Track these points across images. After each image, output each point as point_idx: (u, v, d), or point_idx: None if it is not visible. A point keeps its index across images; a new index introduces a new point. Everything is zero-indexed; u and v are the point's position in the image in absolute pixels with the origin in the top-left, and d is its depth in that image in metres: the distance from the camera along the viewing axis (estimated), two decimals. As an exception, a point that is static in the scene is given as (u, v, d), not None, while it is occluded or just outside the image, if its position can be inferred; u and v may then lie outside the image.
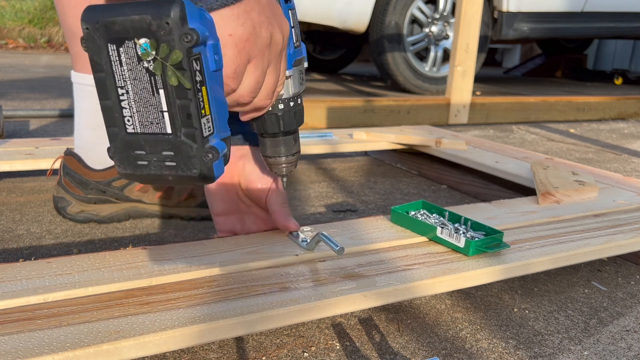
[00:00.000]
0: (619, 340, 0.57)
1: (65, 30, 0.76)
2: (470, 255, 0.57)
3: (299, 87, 0.51)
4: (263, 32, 0.42)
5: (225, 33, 0.40)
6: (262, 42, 0.42)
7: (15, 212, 0.87)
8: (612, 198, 0.82)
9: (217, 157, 0.38)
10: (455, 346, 0.54)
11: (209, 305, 0.45)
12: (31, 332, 0.40)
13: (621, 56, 4.98)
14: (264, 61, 0.43)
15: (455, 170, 1.16)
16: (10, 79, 2.74)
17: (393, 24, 2.69)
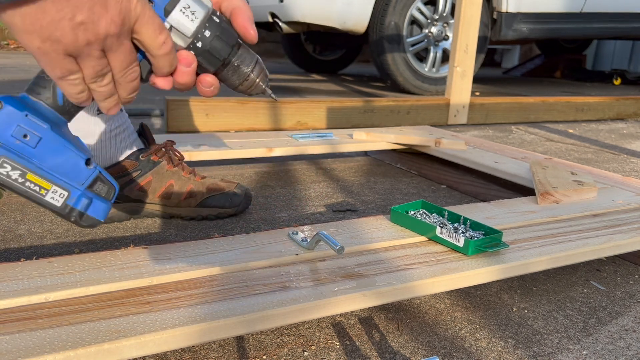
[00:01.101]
0: (617, 339, 0.57)
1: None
2: (470, 254, 0.57)
3: (197, 20, 0.43)
4: (67, 36, 0.36)
5: (26, 44, 0.36)
6: (73, 46, 0.36)
7: (16, 211, 0.88)
8: (611, 198, 0.82)
9: (83, 213, 0.40)
10: (455, 345, 0.54)
11: (209, 305, 0.45)
12: (32, 331, 0.40)
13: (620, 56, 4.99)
14: (91, 61, 0.38)
15: (454, 170, 1.17)
16: (12, 79, 2.74)
17: (393, 25, 2.70)
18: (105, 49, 0.38)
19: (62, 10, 0.35)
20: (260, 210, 0.93)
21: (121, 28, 0.37)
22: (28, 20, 0.35)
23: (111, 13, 0.36)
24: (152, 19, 0.39)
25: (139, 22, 0.39)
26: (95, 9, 0.35)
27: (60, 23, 0.35)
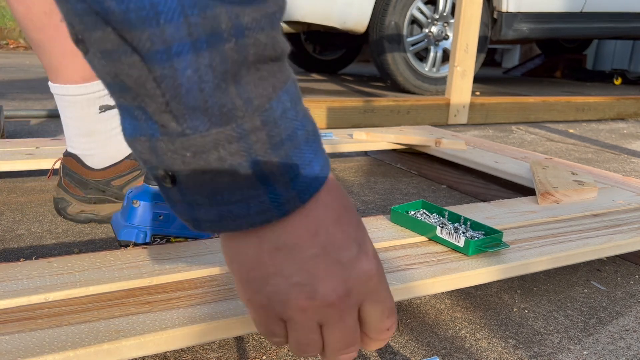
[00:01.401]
0: (618, 339, 0.57)
1: (32, 43, 0.74)
2: (470, 254, 0.57)
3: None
4: (279, 294, 0.29)
5: (237, 290, 0.31)
6: (283, 309, 0.30)
7: (16, 212, 0.88)
8: (612, 198, 0.82)
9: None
10: (455, 346, 0.54)
11: (209, 305, 0.45)
12: (32, 332, 0.40)
13: (620, 56, 4.98)
14: (300, 330, 0.31)
15: (454, 170, 1.17)
16: (11, 79, 2.74)
17: (393, 25, 2.70)
18: (320, 320, 0.31)
19: (278, 265, 0.29)
20: (260, 210, 0.93)
21: (345, 300, 0.30)
22: (243, 269, 0.30)
23: (336, 280, 0.29)
24: (386, 298, 0.33)
25: (369, 299, 0.31)
26: (315, 271, 0.29)
27: (273, 278, 0.29)
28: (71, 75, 0.75)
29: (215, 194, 0.26)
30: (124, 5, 0.21)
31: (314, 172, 0.28)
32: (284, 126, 0.26)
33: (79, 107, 0.77)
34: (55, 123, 1.65)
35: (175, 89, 0.23)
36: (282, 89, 0.26)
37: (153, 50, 0.22)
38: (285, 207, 0.27)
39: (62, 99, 0.77)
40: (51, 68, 0.75)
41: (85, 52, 0.25)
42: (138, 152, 0.27)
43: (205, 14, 0.22)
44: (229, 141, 0.25)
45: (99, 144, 0.80)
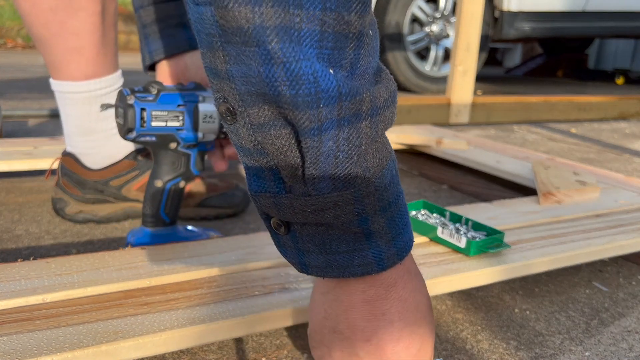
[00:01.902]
0: (620, 340, 0.56)
1: (35, 39, 0.74)
2: (471, 255, 0.56)
3: (215, 121, 0.59)
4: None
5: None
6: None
7: (14, 212, 0.87)
8: (614, 198, 0.81)
9: None
10: (456, 347, 0.54)
11: (208, 306, 0.44)
12: (30, 333, 0.39)
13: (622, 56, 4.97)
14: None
15: (456, 170, 1.16)
16: (9, 78, 2.74)
17: (393, 23, 2.69)
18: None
19: (332, 323, 0.33)
20: (260, 210, 0.93)
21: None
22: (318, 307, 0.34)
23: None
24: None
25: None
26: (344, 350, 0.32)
27: (325, 325, 0.33)
28: (73, 72, 0.75)
29: (325, 243, 0.30)
30: (295, 90, 0.25)
31: (409, 232, 0.32)
32: (391, 191, 0.30)
33: (80, 105, 0.77)
34: (54, 123, 1.64)
35: (316, 157, 0.27)
36: (390, 158, 0.30)
37: (309, 128, 0.26)
38: (385, 262, 0.31)
39: (63, 96, 0.77)
40: (54, 65, 0.75)
41: (232, 123, 0.28)
42: (260, 204, 0.30)
43: (355, 99, 0.26)
44: (346, 203, 0.28)
45: (98, 143, 0.80)
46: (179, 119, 0.56)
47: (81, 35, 0.72)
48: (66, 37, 0.72)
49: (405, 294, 0.32)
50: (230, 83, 0.26)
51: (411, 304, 0.32)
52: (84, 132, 0.79)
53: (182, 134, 0.57)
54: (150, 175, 0.60)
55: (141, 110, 0.54)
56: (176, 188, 0.59)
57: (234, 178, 1.12)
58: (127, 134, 0.55)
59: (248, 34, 0.24)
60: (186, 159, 0.59)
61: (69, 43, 0.72)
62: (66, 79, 0.75)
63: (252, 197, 0.30)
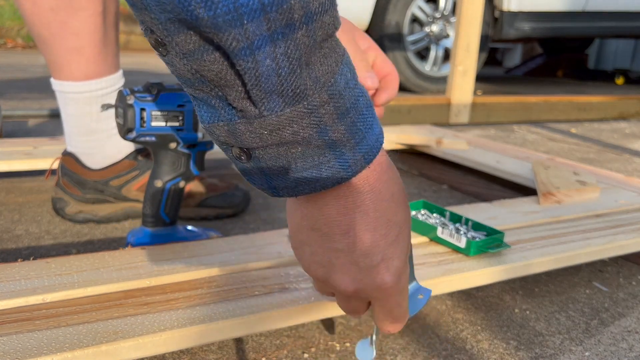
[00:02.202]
0: (620, 340, 0.56)
1: (36, 39, 0.74)
2: (471, 255, 0.56)
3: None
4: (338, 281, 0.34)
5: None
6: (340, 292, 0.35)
7: (14, 212, 0.87)
8: (614, 198, 0.81)
9: None
10: (456, 347, 0.54)
11: (208, 306, 0.44)
12: (30, 333, 0.39)
13: (622, 56, 4.97)
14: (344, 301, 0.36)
15: (456, 170, 1.16)
16: (9, 78, 2.74)
17: (393, 23, 2.69)
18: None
19: (310, 241, 0.33)
20: (259, 211, 0.93)
21: (352, 294, 0.35)
22: (291, 226, 0.35)
23: (348, 278, 0.34)
24: (395, 310, 0.36)
25: (377, 303, 0.35)
26: (335, 261, 0.33)
27: (302, 247, 0.34)
28: (74, 72, 0.75)
29: (289, 163, 0.29)
30: (212, 11, 0.23)
31: (375, 134, 0.31)
32: (347, 96, 0.29)
33: (80, 105, 0.77)
34: (54, 123, 1.64)
35: (256, 78, 0.25)
36: (342, 62, 0.28)
37: (238, 48, 0.24)
38: (353, 168, 0.30)
39: (64, 96, 0.77)
40: (55, 64, 0.75)
41: (165, 54, 0.27)
42: (216, 135, 0.29)
43: (282, 8, 0.24)
44: (301, 117, 0.27)
45: (98, 143, 0.80)
46: (178, 119, 0.56)
47: (82, 35, 0.72)
48: (67, 37, 0.72)
49: (379, 185, 0.32)
50: (150, 13, 0.25)
51: (385, 194, 0.32)
52: (84, 132, 0.79)
53: (182, 134, 0.57)
54: (150, 175, 0.60)
55: (141, 110, 0.54)
56: (176, 188, 0.59)
57: (234, 178, 1.12)
58: (127, 134, 0.55)
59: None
60: (186, 159, 0.59)
61: (70, 43, 0.72)
62: (67, 78, 0.75)
63: (206, 129, 0.29)
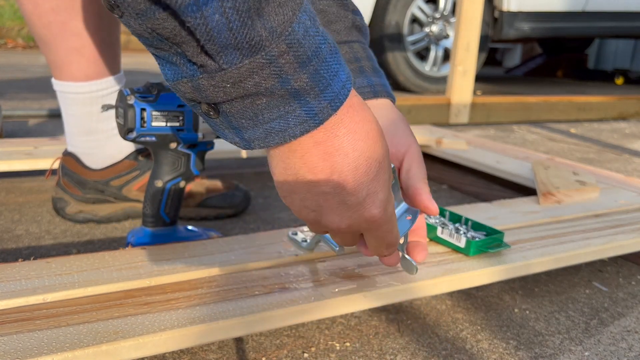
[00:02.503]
0: (619, 340, 0.57)
1: (37, 39, 0.74)
2: (471, 255, 0.56)
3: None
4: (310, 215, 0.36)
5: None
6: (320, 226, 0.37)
7: (14, 212, 0.87)
8: (614, 198, 0.81)
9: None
10: (456, 347, 0.54)
11: (208, 306, 0.44)
12: (30, 333, 0.39)
13: (622, 56, 4.97)
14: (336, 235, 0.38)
15: (455, 170, 1.16)
16: (9, 78, 2.74)
17: (393, 24, 2.69)
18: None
19: (297, 188, 0.34)
20: (259, 211, 0.93)
21: (345, 230, 0.37)
22: (276, 177, 0.35)
23: (339, 216, 0.35)
24: (386, 236, 0.38)
25: (370, 233, 0.38)
26: (324, 204, 0.35)
27: (291, 195, 0.35)
28: (75, 72, 0.75)
29: (256, 115, 0.30)
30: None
31: (341, 81, 0.31)
32: (308, 44, 0.29)
33: (81, 105, 0.77)
34: (54, 123, 1.64)
35: (207, 33, 0.26)
36: (300, 10, 0.28)
37: (184, 5, 0.25)
38: (319, 116, 0.30)
39: (65, 96, 0.77)
40: (56, 65, 0.75)
41: (120, 15, 0.27)
42: (182, 92, 0.30)
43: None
44: (261, 68, 0.28)
45: (99, 143, 0.80)
46: (179, 119, 0.56)
47: (83, 35, 0.73)
48: (68, 37, 0.72)
49: (353, 126, 0.32)
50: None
51: (361, 134, 0.33)
52: (85, 132, 0.79)
53: (182, 134, 0.57)
54: (150, 175, 0.60)
55: (141, 110, 0.54)
56: (176, 188, 0.60)
57: (234, 178, 1.12)
58: (127, 134, 0.55)
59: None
60: (186, 159, 0.59)
61: (71, 43, 0.73)
62: (68, 79, 0.76)
63: (171, 86, 0.30)
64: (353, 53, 0.53)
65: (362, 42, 0.54)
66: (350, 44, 0.53)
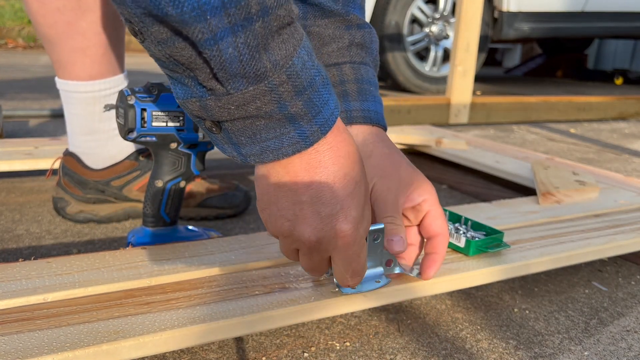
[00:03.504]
0: (619, 340, 0.57)
1: (42, 38, 0.74)
2: (471, 255, 0.56)
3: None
4: (297, 231, 0.38)
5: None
6: (299, 244, 0.39)
7: (14, 212, 0.87)
8: (613, 198, 0.81)
9: None
10: (456, 346, 0.54)
11: (208, 306, 0.45)
12: (31, 332, 0.39)
13: (622, 56, 4.98)
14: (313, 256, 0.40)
15: (455, 170, 1.16)
16: (10, 78, 2.74)
17: (393, 24, 2.69)
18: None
19: (277, 198, 0.37)
20: (260, 210, 0.93)
21: (315, 245, 0.39)
22: (260, 190, 0.38)
23: (311, 227, 0.37)
24: (353, 261, 0.40)
25: (337, 254, 0.40)
26: (299, 214, 0.37)
27: (271, 206, 0.38)
28: (79, 72, 0.75)
29: (255, 134, 0.34)
30: (179, 9, 0.28)
31: (330, 108, 0.35)
32: (304, 76, 0.33)
33: (84, 105, 0.77)
34: (54, 123, 1.64)
35: (221, 64, 0.30)
36: (300, 46, 0.33)
37: (203, 39, 0.29)
38: (310, 139, 0.34)
39: (68, 96, 0.78)
40: (60, 64, 0.76)
41: (142, 41, 0.31)
42: (190, 110, 0.34)
43: (240, 4, 0.29)
44: (263, 94, 0.32)
45: (100, 143, 0.80)
46: (179, 119, 0.56)
47: (88, 35, 0.73)
48: (73, 37, 0.72)
49: (337, 145, 0.36)
50: (126, 7, 0.29)
51: (342, 151, 0.36)
52: (86, 132, 0.79)
53: (183, 134, 0.57)
54: (150, 175, 0.60)
55: (142, 110, 0.54)
56: (177, 188, 0.60)
57: (234, 178, 1.12)
58: (127, 134, 0.55)
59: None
60: (186, 159, 0.59)
61: (76, 43, 0.73)
62: (71, 78, 0.76)
63: (181, 104, 0.34)
64: (340, 76, 0.54)
65: (355, 63, 0.54)
66: (339, 67, 0.54)
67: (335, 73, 0.54)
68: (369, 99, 0.53)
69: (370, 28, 0.55)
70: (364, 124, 0.52)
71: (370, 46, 0.55)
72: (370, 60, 0.56)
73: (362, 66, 0.54)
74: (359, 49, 0.54)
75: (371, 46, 0.55)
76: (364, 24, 0.54)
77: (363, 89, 0.54)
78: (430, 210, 0.48)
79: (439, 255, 0.48)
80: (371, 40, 0.55)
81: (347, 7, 0.53)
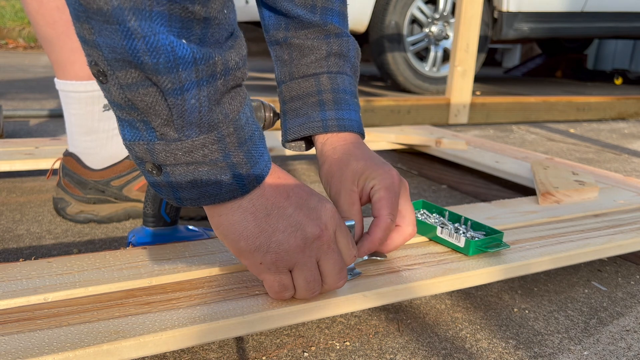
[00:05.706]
0: (618, 340, 0.57)
1: (41, 39, 0.74)
2: (470, 255, 0.57)
3: None
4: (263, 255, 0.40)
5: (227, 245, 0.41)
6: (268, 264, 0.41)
7: (15, 212, 0.87)
8: (613, 198, 0.82)
9: None
10: (455, 346, 0.54)
11: (209, 305, 0.45)
12: (31, 332, 0.40)
13: (621, 56, 4.98)
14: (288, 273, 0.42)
15: (455, 170, 1.16)
16: (10, 78, 2.74)
17: (393, 24, 2.69)
18: (316, 255, 0.42)
19: (273, 225, 0.39)
20: (260, 210, 0.93)
21: (326, 231, 0.42)
22: (248, 241, 0.40)
23: (314, 220, 0.41)
24: (347, 236, 0.45)
25: (339, 230, 0.43)
26: (299, 219, 0.40)
27: (274, 235, 0.40)
28: (79, 71, 0.75)
29: (195, 179, 0.36)
30: (155, 59, 0.30)
31: (264, 160, 0.39)
32: (247, 129, 0.37)
33: (83, 104, 0.77)
34: (55, 123, 1.65)
35: (182, 112, 0.32)
36: (245, 104, 0.37)
37: (172, 88, 0.31)
38: (247, 187, 0.37)
39: (67, 96, 0.78)
40: (59, 64, 0.76)
41: (105, 82, 0.32)
42: (134, 152, 0.35)
43: (209, 62, 0.32)
44: (212, 143, 0.35)
45: (100, 143, 0.80)
46: None
47: None
48: (72, 36, 0.72)
49: (281, 181, 0.40)
50: (98, 51, 0.30)
51: (292, 187, 0.40)
52: (86, 132, 0.79)
53: None
54: (150, 176, 0.60)
55: None
56: None
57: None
58: None
59: (108, 14, 0.29)
60: None
61: (75, 43, 0.73)
62: (71, 78, 0.76)
63: (126, 146, 0.35)
64: (317, 86, 0.55)
65: (332, 73, 0.56)
66: (317, 77, 0.55)
67: (313, 83, 0.55)
68: (344, 107, 0.55)
69: (349, 37, 0.57)
70: (339, 132, 0.55)
71: (348, 54, 0.57)
72: (349, 68, 0.57)
73: (339, 75, 0.56)
74: (337, 59, 0.56)
75: (349, 54, 0.57)
76: (341, 33, 0.56)
77: (339, 98, 0.55)
78: (375, 194, 0.50)
79: (371, 237, 0.50)
80: (349, 49, 0.56)
81: (324, 17, 0.55)
